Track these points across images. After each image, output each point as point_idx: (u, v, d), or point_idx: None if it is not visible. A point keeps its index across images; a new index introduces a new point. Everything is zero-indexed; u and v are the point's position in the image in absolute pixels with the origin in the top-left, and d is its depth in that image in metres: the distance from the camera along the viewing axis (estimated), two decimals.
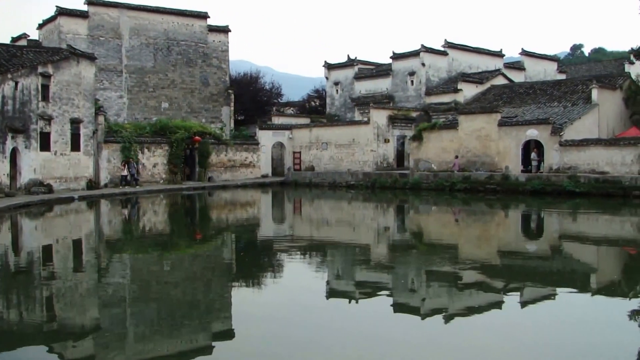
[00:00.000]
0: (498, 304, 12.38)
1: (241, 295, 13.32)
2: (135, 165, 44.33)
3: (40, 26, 53.17)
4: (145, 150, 46.18)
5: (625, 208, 30.66)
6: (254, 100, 63.99)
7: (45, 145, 37.67)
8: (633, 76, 48.71)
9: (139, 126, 48.05)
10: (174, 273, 15.77)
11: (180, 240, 22.57)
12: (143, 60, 52.77)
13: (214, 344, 9.91)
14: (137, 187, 42.78)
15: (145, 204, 35.82)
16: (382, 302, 12.70)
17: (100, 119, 43.22)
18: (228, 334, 10.39)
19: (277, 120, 59.24)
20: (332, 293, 13.54)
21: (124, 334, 10.32)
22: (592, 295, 13.22)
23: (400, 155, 51.39)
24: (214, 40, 56.61)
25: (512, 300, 12.79)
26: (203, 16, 56.21)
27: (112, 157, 43.97)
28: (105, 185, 42.82)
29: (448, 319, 11.27)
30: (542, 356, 9.07)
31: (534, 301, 12.70)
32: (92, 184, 41.27)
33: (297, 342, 9.70)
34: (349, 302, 12.73)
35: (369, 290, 13.80)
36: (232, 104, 57.49)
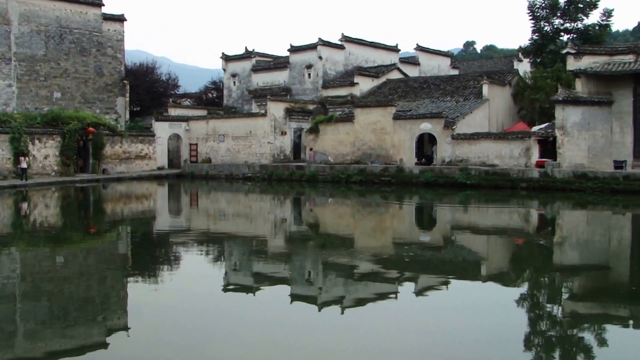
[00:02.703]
0: (393, 293, 12.70)
1: (137, 289, 13.15)
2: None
3: None
4: (36, 141, 44.70)
5: (513, 199, 31.89)
6: (150, 91, 62.82)
7: None
8: (521, 73, 50.55)
9: (30, 116, 46.46)
10: (66, 268, 15.40)
11: (73, 234, 22.01)
12: (34, 48, 50.89)
13: (109, 337, 9.76)
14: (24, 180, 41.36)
15: (36, 197, 34.66)
16: (280, 291, 12.81)
17: None
18: (124, 328, 10.26)
19: (173, 111, 58.39)
20: (229, 284, 13.57)
21: (13, 331, 10.03)
22: (483, 282, 13.77)
23: (297, 148, 51.65)
24: (108, 29, 55.20)
25: (406, 288, 13.15)
26: (97, 4, 54.62)
27: (0, 149, 42.38)
28: None
29: (344, 307, 11.48)
30: (436, 339, 9.39)
31: (427, 289, 13.09)
32: None
33: (194, 331, 9.69)
34: (246, 292, 12.78)
35: (267, 281, 13.89)
36: (128, 95, 56.25)
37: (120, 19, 56.08)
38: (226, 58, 66.16)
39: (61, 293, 12.55)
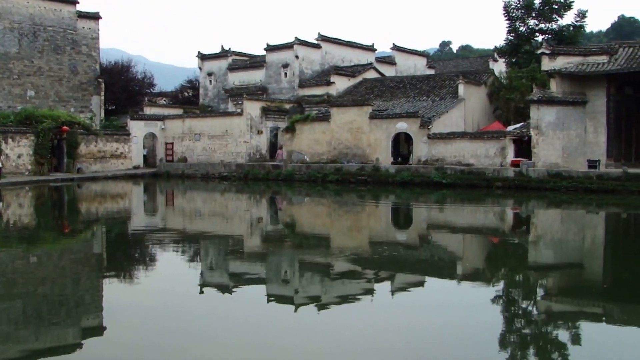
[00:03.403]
0: (370, 292, 12.72)
1: (112, 289, 13.03)
2: None
3: None
4: (10, 140, 44.28)
5: (488, 198, 32.09)
6: (125, 89, 62.43)
7: None
8: (497, 73, 50.84)
9: (3, 115, 46.09)
10: (40, 268, 15.24)
11: (47, 234, 21.81)
12: (7, 46, 50.39)
13: (84, 338, 9.67)
14: None
15: (9, 196, 34.30)
16: (256, 291, 12.79)
17: None
18: (99, 328, 10.17)
19: (149, 110, 58.03)
20: (205, 284, 13.51)
21: None
22: (459, 281, 13.82)
23: (274, 147, 51.53)
24: (83, 27, 54.81)
25: (383, 288, 13.18)
26: (72, 1, 54.19)
27: None
28: None
29: (321, 306, 11.48)
30: (412, 338, 9.42)
31: (404, 288, 13.15)
32: None
33: (170, 331, 9.64)
34: (223, 292, 12.74)
35: (243, 280, 13.86)
36: (103, 93, 55.89)
37: (95, 16, 55.70)
38: (202, 57, 65.89)
39: (34, 294, 12.42)
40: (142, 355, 8.82)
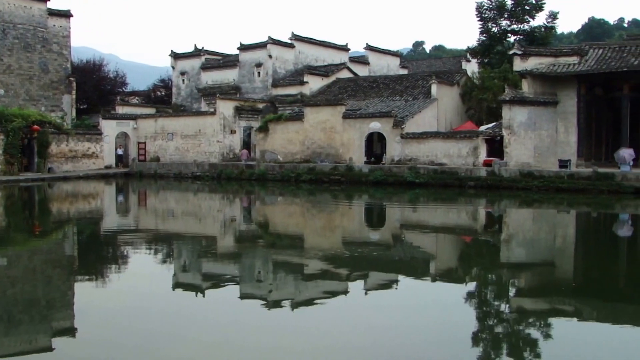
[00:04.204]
0: (343, 291, 12.72)
1: (84, 289, 12.92)
2: None
3: None
4: None
5: (461, 197, 32.27)
6: (97, 88, 62.00)
7: None
8: (469, 73, 51.20)
9: None
10: (10, 269, 15.06)
11: (17, 234, 21.54)
12: None
13: (55, 339, 9.56)
14: None
15: None
16: (229, 291, 12.75)
17: None
18: (70, 329, 10.07)
19: (121, 109, 57.55)
20: (178, 284, 13.44)
21: None
22: (432, 280, 13.88)
23: (247, 147, 51.40)
24: (54, 25, 54.32)
25: (356, 287, 13.19)
26: None
27: None
28: None
29: (294, 306, 11.47)
30: (385, 338, 9.42)
31: (377, 287, 13.17)
32: None
33: (143, 331, 9.59)
34: (196, 292, 12.68)
35: (216, 280, 13.80)
36: (74, 92, 55.46)
37: (66, 14, 55.22)
38: (175, 56, 65.54)
39: (4, 295, 12.26)
40: (113, 356, 8.74)
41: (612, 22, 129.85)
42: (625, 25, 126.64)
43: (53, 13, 54.37)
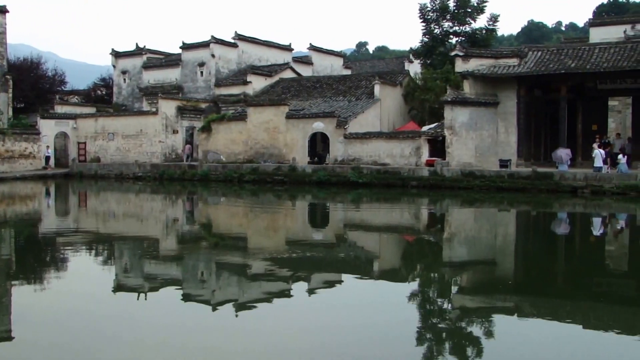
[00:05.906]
0: (287, 292, 12.65)
1: (22, 292, 12.57)
2: None
3: None
4: None
5: (404, 197, 32.50)
6: (35, 87, 60.65)
7: None
8: (412, 74, 51.63)
9: None
10: None
11: None
12: None
13: None
14: None
15: None
16: (171, 293, 12.57)
17: None
18: (7, 332, 9.80)
19: (60, 109, 56.32)
20: (119, 286, 13.19)
21: None
22: (375, 279, 13.91)
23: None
24: None
25: (300, 287, 13.13)
26: None
27: None
28: None
29: (238, 307, 11.35)
30: (329, 337, 9.40)
31: (320, 287, 13.14)
32: None
33: (83, 334, 9.40)
34: (138, 294, 12.46)
35: (158, 282, 13.60)
36: (11, 91, 54.07)
37: (2, 10, 53.89)
38: (116, 54, 64.55)
39: None
40: (53, 358, 8.53)
41: (550, 25, 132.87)
42: (563, 28, 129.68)
43: None
